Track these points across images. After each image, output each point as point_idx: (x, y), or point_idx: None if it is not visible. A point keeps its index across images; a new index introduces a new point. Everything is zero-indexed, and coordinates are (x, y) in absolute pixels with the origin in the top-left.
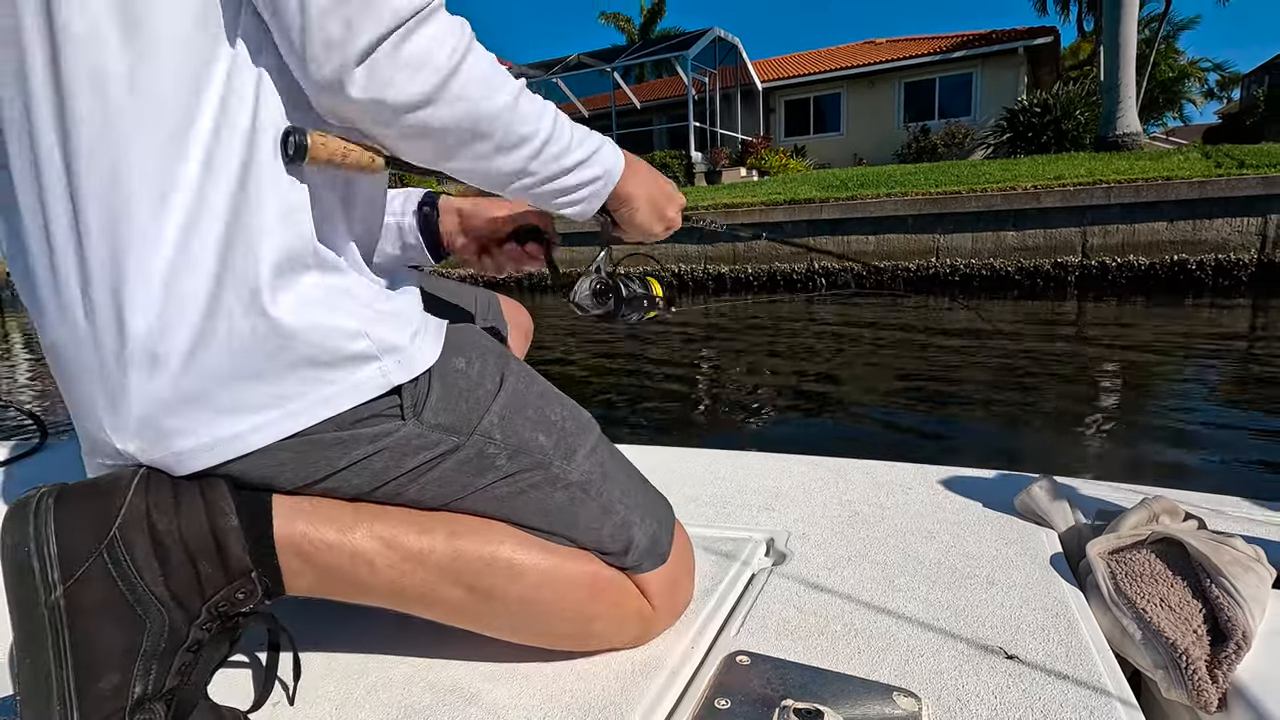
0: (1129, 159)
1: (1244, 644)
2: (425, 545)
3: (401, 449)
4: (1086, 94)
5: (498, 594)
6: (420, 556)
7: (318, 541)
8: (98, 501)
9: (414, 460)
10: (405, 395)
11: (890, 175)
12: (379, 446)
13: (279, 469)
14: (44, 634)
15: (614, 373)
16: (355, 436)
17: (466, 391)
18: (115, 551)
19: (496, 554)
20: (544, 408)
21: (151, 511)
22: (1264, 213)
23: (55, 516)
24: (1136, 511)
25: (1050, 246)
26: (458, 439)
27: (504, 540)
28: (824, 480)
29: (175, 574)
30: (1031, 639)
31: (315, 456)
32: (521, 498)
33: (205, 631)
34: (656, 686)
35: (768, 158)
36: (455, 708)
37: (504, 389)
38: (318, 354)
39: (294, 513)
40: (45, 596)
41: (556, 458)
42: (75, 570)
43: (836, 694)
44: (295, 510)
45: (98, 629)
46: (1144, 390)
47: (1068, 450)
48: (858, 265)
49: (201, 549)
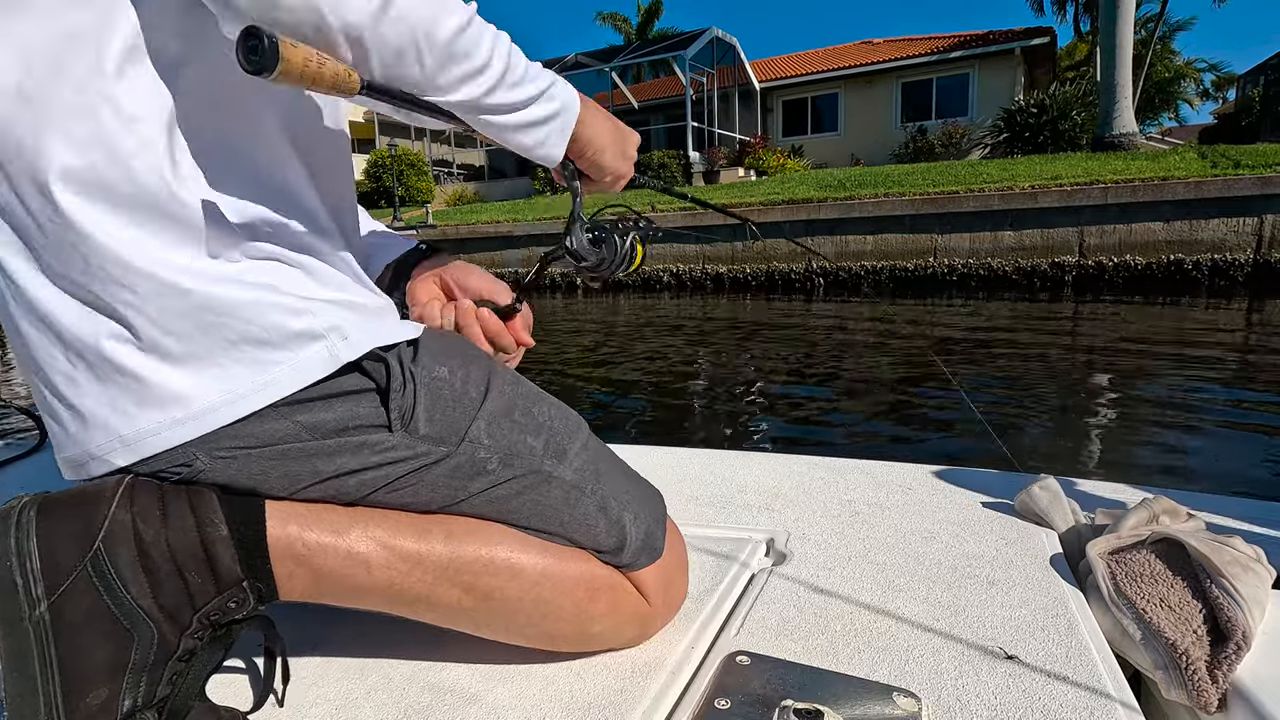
0: (1126, 159)
1: (1244, 644)
2: (423, 547)
3: (391, 459)
4: (1083, 94)
5: (496, 595)
6: (418, 558)
7: (313, 544)
8: (81, 513)
9: (404, 469)
10: (392, 405)
11: (888, 175)
12: (367, 457)
13: (262, 477)
14: (29, 648)
15: (614, 373)
16: (341, 446)
17: (453, 400)
18: (100, 565)
19: (494, 554)
20: (531, 409)
21: (137, 522)
22: (1260, 213)
23: (37, 529)
24: (1136, 511)
25: (1047, 246)
26: (447, 448)
27: (501, 541)
28: (824, 480)
29: (163, 586)
30: (1031, 639)
31: (299, 467)
32: (516, 500)
33: (197, 640)
34: (656, 686)
35: (765, 158)
36: (455, 708)
37: (490, 395)
38: (257, 333)
39: (288, 516)
40: (29, 612)
41: (548, 458)
42: (59, 585)
43: (836, 694)
44: (289, 513)
45: (84, 644)
46: (1144, 390)
47: (1068, 450)
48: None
49: (190, 560)
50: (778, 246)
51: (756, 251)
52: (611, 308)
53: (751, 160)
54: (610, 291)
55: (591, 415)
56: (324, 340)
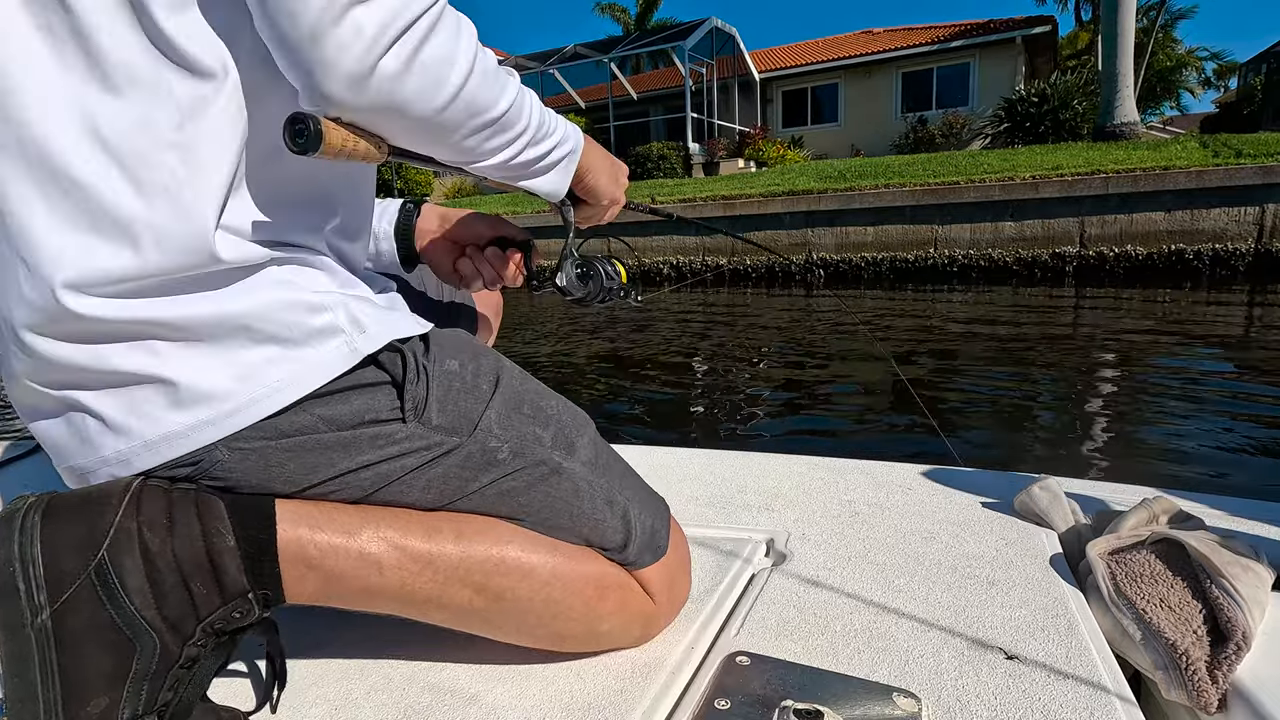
0: (1127, 149)
1: (1244, 645)
2: (434, 547)
3: (405, 450)
4: (1084, 83)
5: (507, 595)
6: (429, 558)
7: (324, 545)
8: (86, 518)
9: (417, 460)
10: (406, 396)
11: (888, 166)
12: (382, 448)
13: (279, 469)
14: (30, 654)
15: (613, 374)
16: (357, 438)
17: (464, 392)
18: (104, 574)
19: (505, 554)
20: (539, 403)
21: (143, 530)
22: (1261, 202)
23: (41, 534)
24: (1136, 512)
25: (1048, 237)
26: (459, 438)
27: (512, 540)
28: (824, 480)
29: (167, 598)
30: (1031, 639)
31: (315, 459)
32: (527, 493)
33: (200, 648)
34: (656, 687)
35: (765, 149)
36: (455, 708)
37: (500, 387)
38: (279, 330)
39: (299, 518)
40: (31, 619)
41: (557, 450)
42: (62, 593)
43: (836, 694)
44: (300, 515)
45: (85, 653)
46: (1144, 389)
47: (1068, 450)
48: (779, 257)
49: (195, 571)
50: (778, 239)
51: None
52: None
53: (751, 151)
54: None
55: (590, 414)
56: (343, 335)
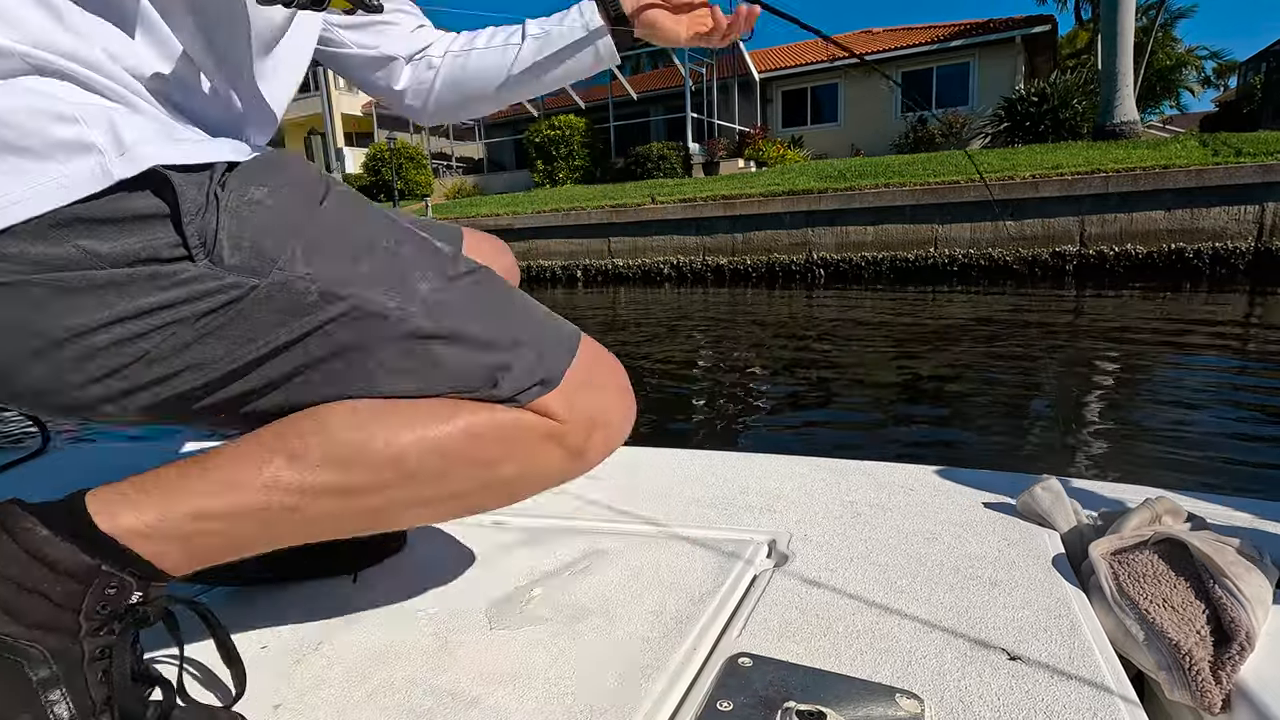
0: (1127, 148)
1: (1248, 645)
2: (268, 475)
3: (193, 294)
4: (1084, 83)
5: (369, 489)
6: (269, 487)
7: (153, 522)
8: None
9: (209, 305)
10: (188, 229)
11: (888, 165)
12: (166, 290)
13: (45, 308)
14: None
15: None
16: (133, 276)
17: (268, 223)
18: None
19: (360, 439)
20: (374, 236)
21: None
22: (1261, 200)
23: None
24: (1139, 512)
25: (1048, 236)
26: (257, 278)
27: (345, 424)
28: (825, 481)
29: (21, 609)
30: (1034, 640)
31: (85, 299)
32: (352, 344)
33: (104, 636)
34: (658, 689)
35: (765, 149)
36: (456, 711)
37: (316, 218)
38: (16, 138)
39: (111, 500)
40: None
41: (385, 289)
42: None
43: (839, 696)
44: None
45: None
46: (1145, 388)
47: (1070, 450)
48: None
49: (30, 574)
50: (778, 239)
51: (758, 243)
52: (611, 300)
53: (751, 151)
54: (610, 284)
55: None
56: (97, 153)
